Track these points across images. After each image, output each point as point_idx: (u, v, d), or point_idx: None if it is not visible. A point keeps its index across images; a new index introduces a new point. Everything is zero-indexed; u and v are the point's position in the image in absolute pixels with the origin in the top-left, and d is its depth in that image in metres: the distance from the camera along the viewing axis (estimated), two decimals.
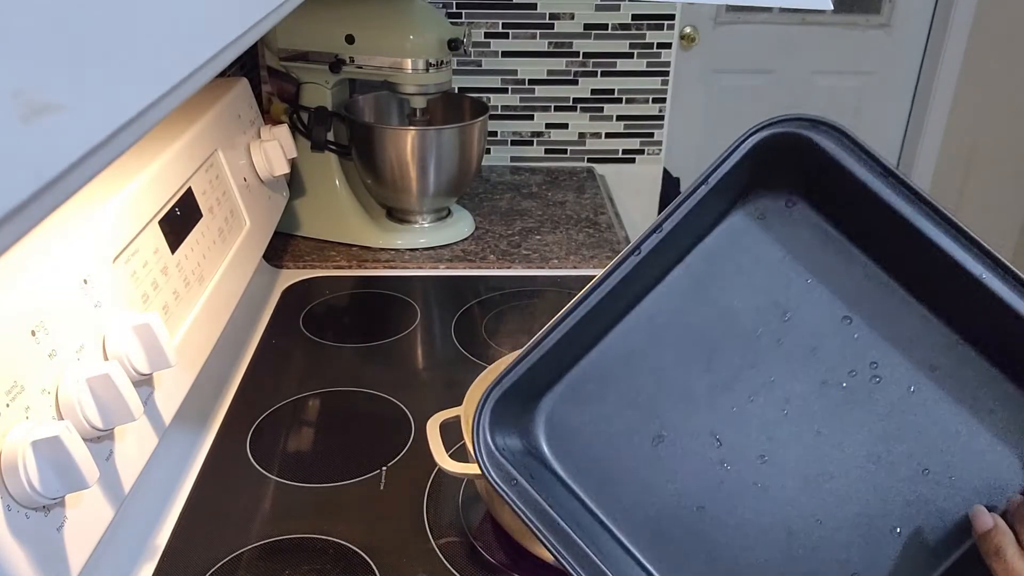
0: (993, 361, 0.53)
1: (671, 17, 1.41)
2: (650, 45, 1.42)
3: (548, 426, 0.55)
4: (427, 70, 1.08)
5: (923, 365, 0.53)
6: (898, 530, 0.51)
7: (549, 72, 1.43)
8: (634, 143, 1.49)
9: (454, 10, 1.38)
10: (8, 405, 0.46)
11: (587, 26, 1.40)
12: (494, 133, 1.47)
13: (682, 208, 0.54)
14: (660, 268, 0.56)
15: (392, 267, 1.12)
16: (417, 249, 1.16)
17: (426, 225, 1.19)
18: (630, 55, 1.42)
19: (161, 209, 0.69)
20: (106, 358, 0.56)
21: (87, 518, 0.52)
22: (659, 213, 1.59)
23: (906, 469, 0.52)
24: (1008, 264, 0.50)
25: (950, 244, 0.51)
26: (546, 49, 1.41)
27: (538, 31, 1.40)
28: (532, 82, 1.44)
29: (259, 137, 0.98)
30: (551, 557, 0.49)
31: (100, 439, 0.54)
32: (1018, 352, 0.51)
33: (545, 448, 0.54)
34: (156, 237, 0.67)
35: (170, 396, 0.65)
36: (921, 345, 0.53)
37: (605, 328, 0.55)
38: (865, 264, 0.55)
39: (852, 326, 0.54)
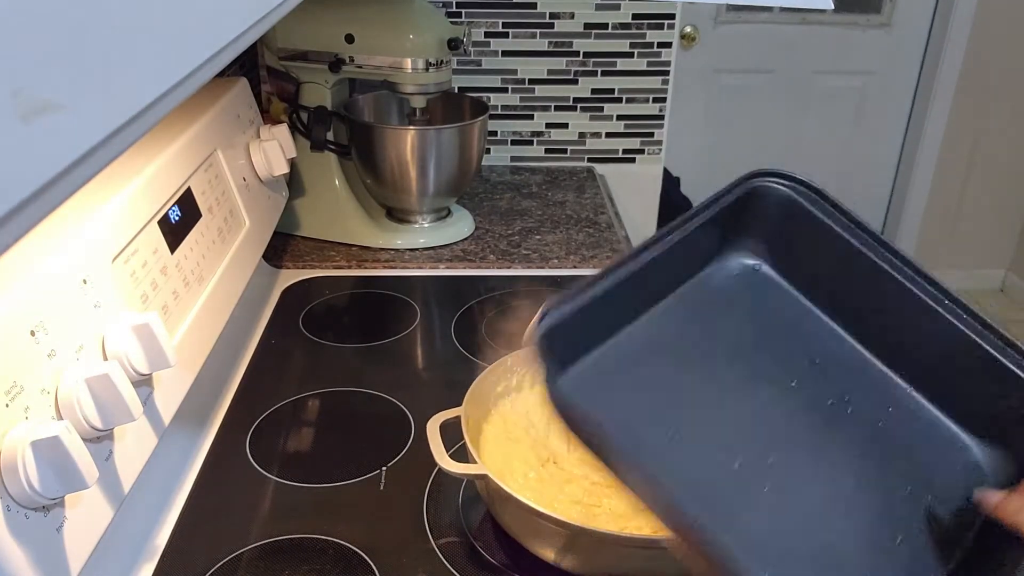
0: (940, 408, 0.56)
1: (671, 16, 1.41)
2: (650, 44, 1.42)
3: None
4: (427, 69, 1.08)
5: (883, 407, 0.57)
6: (899, 539, 0.52)
7: (549, 72, 1.43)
8: (634, 143, 1.49)
9: (454, 9, 1.38)
10: (7, 405, 0.46)
11: (587, 25, 1.40)
12: (494, 133, 1.47)
13: (688, 225, 0.55)
14: (667, 282, 0.57)
15: (392, 267, 1.12)
16: (417, 249, 1.16)
17: (426, 225, 1.19)
18: (630, 54, 1.42)
19: (160, 209, 0.69)
20: (105, 358, 0.56)
21: (87, 518, 0.52)
22: (659, 212, 1.58)
23: (889, 488, 0.54)
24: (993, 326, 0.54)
25: (918, 296, 0.55)
26: (546, 48, 1.41)
27: (538, 30, 1.40)
28: (532, 82, 1.44)
29: (258, 137, 0.98)
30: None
31: (100, 439, 0.54)
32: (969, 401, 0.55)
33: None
34: (155, 237, 0.67)
35: (169, 396, 0.65)
36: (879, 392, 0.57)
37: (631, 313, 0.55)
38: (824, 323, 0.59)
39: (819, 366, 0.57)
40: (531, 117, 1.47)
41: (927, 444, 0.55)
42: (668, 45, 1.42)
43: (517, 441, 0.70)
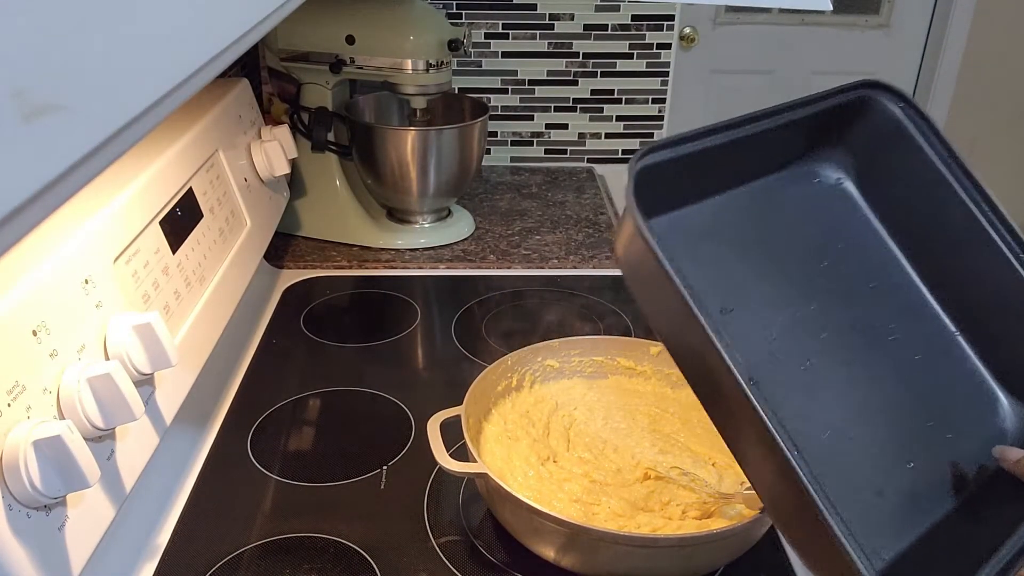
0: (982, 358, 0.57)
1: (671, 18, 1.41)
2: (650, 46, 1.42)
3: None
4: (427, 71, 1.08)
5: (927, 345, 0.57)
6: (911, 464, 0.53)
7: (549, 72, 1.43)
8: (634, 143, 1.50)
9: (454, 11, 1.38)
10: (9, 405, 0.46)
11: (587, 27, 1.40)
12: (494, 133, 1.47)
13: (785, 115, 0.54)
14: (752, 167, 0.56)
15: (392, 267, 1.12)
16: (417, 249, 1.16)
17: (426, 225, 1.19)
18: (630, 55, 1.42)
19: (162, 209, 0.69)
20: (107, 358, 0.56)
21: (88, 517, 0.52)
22: None
23: (913, 417, 0.55)
24: None
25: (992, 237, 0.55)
26: (546, 50, 1.41)
27: (538, 32, 1.40)
28: (532, 82, 1.44)
29: (260, 137, 0.98)
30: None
31: (101, 438, 0.54)
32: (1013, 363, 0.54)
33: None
34: (157, 237, 0.68)
35: (171, 396, 0.65)
36: (926, 330, 0.57)
37: (712, 187, 0.55)
38: (891, 251, 0.58)
39: (876, 290, 0.57)
40: (531, 118, 1.47)
41: (959, 390, 0.56)
42: (667, 46, 1.42)
43: (517, 440, 0.70)
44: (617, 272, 1.09)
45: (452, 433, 0.65)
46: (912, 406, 0.55)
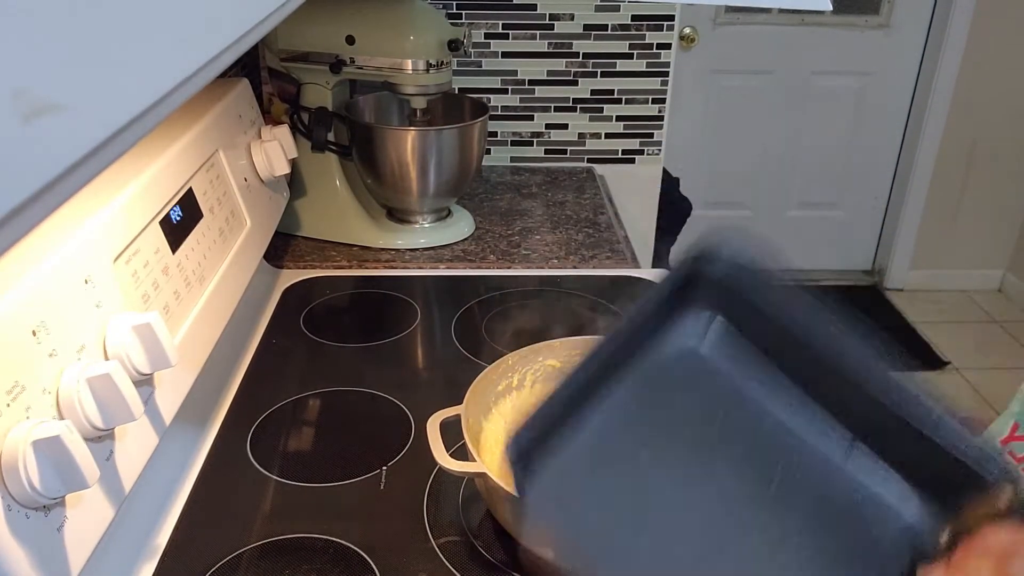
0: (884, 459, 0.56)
1: (670, 18, 1.41)
2: (649, 46, 1.42)
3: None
4: (427, 71, 1.08)
5: (831, 467, 0.56)
6: None
7: (549, 73, 1.43)
8: (634, 143, 1.50)
9: (454, 11, 1.38)
10: (9, 405, 0.46)
11: (587, 27, 1.40)
12: (494, 133, 1.47)
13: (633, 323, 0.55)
14: (619, 376, 0.57)
15: (392, 267, 1.12)
16: (417, 249, 1.16)
17: (426, 225, 1.19)
18: (630, 56, 1.42)
19: (162, 209, 0.69)
20: (107, 358, 0.56)
21: (87, 518, 0.52)
22: (657, 213, 1.57)
23: (837, 554, 0.54)
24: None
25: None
26: (546, 50, 1.41)
27: (538, 32, 1.40)
28: (532, 83, 1.44)
29: (260, 137, 0.98)
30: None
31: (101, 439, 0.54)
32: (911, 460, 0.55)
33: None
34: (157, 237, 0.68)
35: (171, 396, 0.65)
36: (822, 451, 0.56)
37: (593, 412, 0.56)
38: (761, 403, 0.58)
39: (767, 438, 0.57)
40: (531, 118, 1.47)
41: (871, 501, 0.55)
42: (667, 46, 1.42)
43: None
44: (617, 271, 1.10)
45: (452, 433, 0.65)
46: (835, 542, 0.54)
